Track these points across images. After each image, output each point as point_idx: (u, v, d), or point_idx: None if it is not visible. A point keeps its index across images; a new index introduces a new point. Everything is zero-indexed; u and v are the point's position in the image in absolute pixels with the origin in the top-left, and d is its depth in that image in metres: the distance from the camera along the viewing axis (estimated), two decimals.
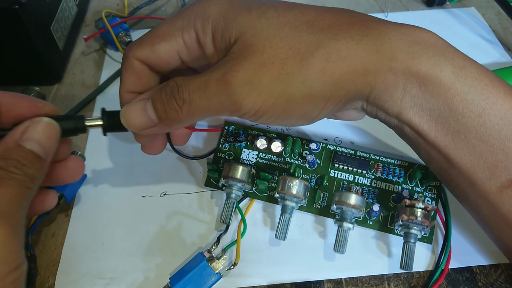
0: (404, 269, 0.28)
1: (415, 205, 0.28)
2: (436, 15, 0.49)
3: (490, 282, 0.29)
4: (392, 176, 0.32)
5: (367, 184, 0.32)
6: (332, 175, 0.32)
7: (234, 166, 0.30)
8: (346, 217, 0.29)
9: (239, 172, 0.30)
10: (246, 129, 0.35)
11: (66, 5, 0.45)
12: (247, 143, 0.34)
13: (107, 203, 0.34)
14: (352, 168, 0.32)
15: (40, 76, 0.43)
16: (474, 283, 0.29)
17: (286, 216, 0.29)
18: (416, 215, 0.27)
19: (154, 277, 0.30)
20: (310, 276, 0.30)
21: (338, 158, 0.32)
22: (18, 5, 0.35)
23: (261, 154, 0.34)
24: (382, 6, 0.51)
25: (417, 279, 0.30)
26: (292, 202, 0.30)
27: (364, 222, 0.31)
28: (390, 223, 0.31)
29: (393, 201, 0.31)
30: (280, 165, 0.33)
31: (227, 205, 0.30)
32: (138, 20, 0.50)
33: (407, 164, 0.32)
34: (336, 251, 0.28)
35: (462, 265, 0.30)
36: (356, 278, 0.30)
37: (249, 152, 0.34)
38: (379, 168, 0.32)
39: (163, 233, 0.32)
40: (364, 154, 0.33)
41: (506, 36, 0.46)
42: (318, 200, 0.32)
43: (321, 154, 0.33)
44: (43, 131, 0.23)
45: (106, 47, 0.47)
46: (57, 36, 0.42)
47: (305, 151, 0.33)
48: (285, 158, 0.33)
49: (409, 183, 0.32)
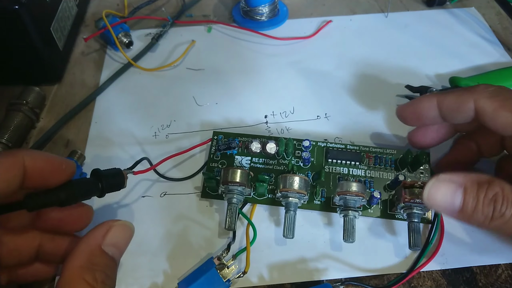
0: (413, 248, 0.28)
1: (415, 185, 0.28)
2: (436, 15, 0.49)
3: (490, 282, 0.29)
4: (384, 165, 0.33)
5: (362, 175, 0.33)
6: (327, 170, 0.33)
7: (233, 170, 0.30)
8: (350, 205, 0.29)
9: (238, 176, 0.30)
10: (235, 136, 0.35)
11: (66, 5, 0.45)
12: (239, 150, 0.34)
13: (107, 202, 0.34)
14: (346, 161, 0.33)
15: (40, 76, 0.43)
16: (474, 283, 0.29)
17: (291, 214, 0.29)
18: (418, 194, 0.28)
19: (161, 282, 0.30)
20: (310, 276, 0.30)
21: (331, 154, 0.33)
22: (18, 5, 0.35)
23: (254, 159, 0.34)
24: (382, 6, 0.51)
25: (417, 279, 0.30)
26: (295, 198, 0.30)
27: (365, 211, 0.31)
28: (390, 209, 0.31)
29: (389, 188, 0.32)
30: (275, 167, 0.33)
31: (230, 211, 0.30)
32: (138, 20, 0.50)
33: (395, 151, 0.33)
34: (346, 240, 0.29)
35: (462, 265, 0.30)
36: (356, 278, 0.30)
37: (241, 158, 0.34)
38: (371, 158, 0.33)
39: (165, 234, 0.32)
40: (354, 147, 0.34)
41: (506, 36, 0.46)
42: (318, 196, 0.32)
43: (314, 152, 0.34)
44: (123, 235, 0.24)
45: (106, 47, 0.47)
46: (57, 36, 0.42)
47: (298, 151, 0.34)
48: (279, 159, 0.34)
49: (400, 169, 0.33)
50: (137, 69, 0.44)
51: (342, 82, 0.42)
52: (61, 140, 0.39)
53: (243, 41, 0.47)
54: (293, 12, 0.51)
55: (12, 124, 0.37)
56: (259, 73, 0.44)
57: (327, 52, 0.46)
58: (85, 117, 0.41)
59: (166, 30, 0.48)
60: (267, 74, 0.44)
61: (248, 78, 0.43)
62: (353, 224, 0.29)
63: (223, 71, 0.44)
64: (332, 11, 0.51)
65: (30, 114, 0.39)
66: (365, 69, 0.43)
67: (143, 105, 0.41)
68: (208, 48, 0.47)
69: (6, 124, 0.37)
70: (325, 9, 0.51)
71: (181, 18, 0.51)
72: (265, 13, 0.48)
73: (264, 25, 0.48)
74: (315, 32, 0.47)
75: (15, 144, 0.37)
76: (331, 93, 0.41)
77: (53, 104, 0.42)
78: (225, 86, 0.43)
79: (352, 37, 0.47)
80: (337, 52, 0.45)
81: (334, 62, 0.44)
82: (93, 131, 0.39)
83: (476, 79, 0.40)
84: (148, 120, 0.40)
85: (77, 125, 0.40)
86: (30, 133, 0.39)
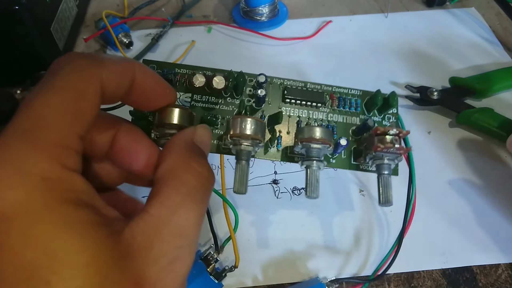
0: (383, 204, 0.25)
1: (389, 132, 0.24)
2: (436, 15, 0.49)
3: (490, 282, 0.29)
4: (349, 107, 0.28)
5: (324, 119, 0.28)
6: (284, 112, 0.28)
7: (170, 109, 0.23)
8: (313, 155, 0.25)
9: (177, 116, 0.23)
10: (172, 67, 0.28)
11: (66, 5, 0.45)
12: (177, 84, 0.28)
13: None
14: (306, 102, 0.28)
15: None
16: (474, 283, 0.29)
17: (243, 164, 0.24)
18: (392, 142, 0.24)
19: None
20: (310, 276, 0.30)
21: (289, 92, 0.28)
22: (19, 5, 0.35)
23: (197, 97, 0.28)
24: (382, 7, 0.51)
25: (417, 279, 0.30)
26: (249, 145, 0.25)
27: (327, 161, 0.27)
28: (355, 159, 0.27)
29: (353, 134, 0.28)
30: (222, 107, 0.27)
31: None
32: (138, 21, 0.50)
33: (361, 92, 0.29)
34: (308, 196, 0.24)
35: (462, 265, 0.30)
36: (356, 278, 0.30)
37: (180, 95, 0.27)
38: (334, 100, 0.28)
39: None
40: (316, 85, 0.29)
41: (506, 36, 0.47)
42: (274, 143, 0.27)
43: (269, 90, 0.28)
44: (207, 135, 0.22)
45: (106, 48, 0.47)
46: (57, 36, 0.42)
47: (249, 88, 0.28)
48: (226, 98, 0.28)
49: (366, 112, 0.28)
50: None
51: (342, 82, 0.42)
52: None
53: (243, 42, 0.47)
54: (293, 13, 0.51)
55: None
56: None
57: (327, 52, 0.46)
58: None
59: (166, 30, 0.48)
60: (267, 74, 0.44)
61: None
62: (317, 177, 0.24)
63: None
64: (332, 11, 0.51)
65: None
66: (365, 69, 0.43)
67: None
68: (208, 49, 0.47)
69: None
70: (325, 9, 0.51)
71: (181, 19, 0.51)
72: (265, 14, 0.48)
73: (264, 25, 0.48)
74: (315, 32, 0.47)
75: None
76: None
77: None
78: None
79: (352, 38, 0.47)
80: (337, 53, 0.45)
81: (334, 63, 0.44)
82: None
83: (476, 79, 0.40)
84: None
85: None
86: None
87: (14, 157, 0.15)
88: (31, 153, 0.15)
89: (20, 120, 0.16)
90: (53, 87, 0.17)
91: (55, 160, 0.15)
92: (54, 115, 0.16)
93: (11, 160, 0.15)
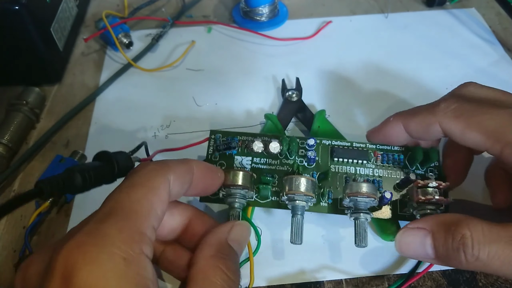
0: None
1: (428, 185, 0.27)
2: (436, 15, 0.49)
3: (490, 282, 0.29)
4: (393, 163, 0.31)
5: (370, 174, 0.31)
6: (333, 170, 0.31)
7: (234, 172, 0.28)
8: (360, 207, 0.28)
9: (240, 178, 0.28)
10: (234, 135, 0.32)
11: (66, 5, 0.45)
12: (239, 149, 0.32)
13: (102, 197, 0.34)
14: (352, 160, 0.31)
15: (40, 76, 0.43)
16: (474, 283, 0.29)
17: (299, 218, 0.28)
18: (432, 194, 0.27)
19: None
20: (310, 276, 0.30)
21: (337, 152, 0.31)
22: (19, 5, 0.35)
23: (256, 159, 0.32)
24: (382, 7, 0.51)
25: (417, 279, 0.29)
26: (302, 201, 0.28)
27: (375, 213, 0.30)
28: (401, 209, 0.30)
29: (398, 187, 0.30)
30: (277, 167, 0.31)
31: (232, 216, 0.28)
32: (138, 21, 0.50)
33: (403, 148, 0.31)
34: (358, 245, 0.27)
35: None
36: (356, 279, 0.30)
37: (242, 158, 0.32)
38: (378, 156, 0.31)
39: None
40: (361, 144, 0.32)
41: (506, 36, 0.47)
42: (325, 198, 0.30)
43: (318, 151, 0.32)
44: (244, 233, 0.26)
45: (106, 48, 0.47)
46: (57, 36, 0.42)
47: (301, 150, 0.32)
48: (282, 159, 0.31)
49: (409, 167, 0.31)
50: (137, 69, 0.44)
51: (342, 82, 0.42)
52: (61, 141, 0.39)
53: (243, 42, 0.47)
54: (293, 13, 0.51)
55: (12, 124, 0.37)
56: (259, 74, 0.44)
57: (327, 52, 0.46)
58: (85, 117, 0.41)
59: (166, 30, 0.48)
60: (267, 74, 0.44)
61: (248, 78, 0.43)
62: (365, 227, 0.27)
63: (223, 71, 0.44)
64: (332, 11, 0.51)
65: (30, 114, 0.39)
66: (365, 69, 0.43)
67: (143, 106, 0.41)
68: (208, 49, 0.47)
69: (6, 124, 0.37)
70: (325, 9, 0.51)
71: (181, 19, 0.51)
72: (265, 14, 0.48)
73: (264, 25, 0.48)
74: (315, 32, 0.47)
75: (15, 144, 0.37)
76: (331, 94, 0.41)
77: (53, 105, 0.42)
78: (225, 86, 0.43)
79: (352, 38, 0.47)
80: (337, 53, 0.45)
81: (334, 63, 0.44)
82: (93, 132, 0.39)
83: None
84: (148, 120, 0.40)
85: (77, 125, 0.40)
86: (30, 134, 0.39)
87: (106, 239, 0.18)
88: (117, 236, 0.18)
89: (109, 209, 0.20)
90: (133, 185, 0.21)
91: (136, 245, 0.18)
92: (135, 208, 0.20)
93: (103, 244, 0.18)
